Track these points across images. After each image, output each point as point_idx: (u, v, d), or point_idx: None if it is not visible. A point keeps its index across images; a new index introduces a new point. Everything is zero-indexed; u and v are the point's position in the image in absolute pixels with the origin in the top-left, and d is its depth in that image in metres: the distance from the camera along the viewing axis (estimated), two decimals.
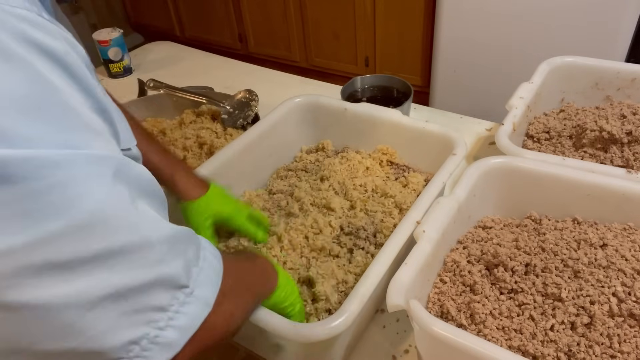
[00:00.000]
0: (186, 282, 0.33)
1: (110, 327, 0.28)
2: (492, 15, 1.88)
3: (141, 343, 0.30)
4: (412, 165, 0.88)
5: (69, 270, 0.26)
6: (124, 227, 0.29)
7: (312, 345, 0.57)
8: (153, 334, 0.31)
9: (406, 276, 0.56)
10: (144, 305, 0.30)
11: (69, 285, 0.26)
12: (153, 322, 0.31)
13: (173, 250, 0.32)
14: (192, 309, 0.33)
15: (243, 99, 1.07)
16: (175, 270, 0.32)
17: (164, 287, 0.31)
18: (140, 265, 0.30)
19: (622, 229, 0.66)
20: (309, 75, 1.44)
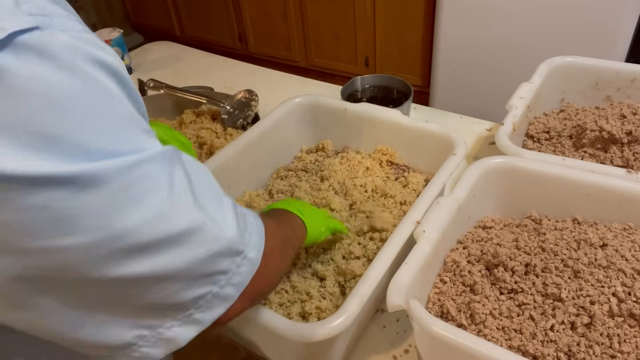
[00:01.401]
0: (242, 248, 0.40)
1: (185, 288, 0.36)
2: (492, 15, 1.88)
3: (206, 297, 0.38)
4: (412, 165, 0.88)
5: (150, 250, 0.33)
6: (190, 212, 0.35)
7: (312, 345, 0.57)
8: (215, 290, 0.38)
9: (406, 276, 0.56)
10: (211, 270, 0.37)
11: (152, 262, 0.33)
12: (216, 282, 0.38)
13: (234, 224, 0.39)
14: (244, 269, 0.40)
15: (243, 99, 1.07)
16: (234, 239, 0.38)
17: (227, 255, 0.38)
18: (208, 241, 0.36)
19: (622, 229, 0.66)
20: (309, 75, 1.44)
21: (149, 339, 0.36)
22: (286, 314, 0.64)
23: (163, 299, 0.35)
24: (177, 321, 0.37)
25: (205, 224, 0.36)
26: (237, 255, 0.39)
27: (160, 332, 0.37)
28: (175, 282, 0.35)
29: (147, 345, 0.37)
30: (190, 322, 0.38)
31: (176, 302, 0.36)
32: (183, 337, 0.38)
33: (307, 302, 0.64)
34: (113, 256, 0.31)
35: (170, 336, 0.37)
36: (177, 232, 0.34)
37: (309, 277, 0.69)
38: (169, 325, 0.37)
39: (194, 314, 0.38)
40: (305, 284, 0.67)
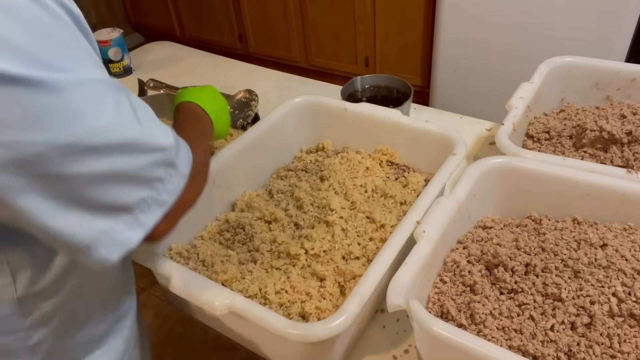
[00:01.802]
0: (175, 161, 0.47)
1: (130, 190, 0.44)
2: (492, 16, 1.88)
3: (147, 201, 0.45)
4: (412, 165, 0.88)
5: (102, 153, 0.40)
6: (133, 126, 0.43)
7: (312, 345, 0.57)
8: (154, 196, 0.46)
9: (406, 276, 0.56)
10: (150, 176, 0.45)
11: (104, 163, 0.41)
12: (155, 188, 0.46)
13: (171, 140, 0.47)
14: (176, 181, 0.48)
15: (243, 99, 1.07)
16: (170, 153, 0.46)
17: (163, 165, 0.46)
18: (148, 150, 0.44)
19: (622, 229, 0.66)
20: (309, 75, 1.44)
21: (104, 242, 0.44)
22: (286, 314, 0.64)
23: (114, 199, 0.43)
24: (125, 224, 0.44)
25: (146, 136, 0.44)
26: (170, 167, 0.47)
27: (114, 235, 0.44)
28: (122, 183, 0.43)
29: (103, 247, 0.44)
30: (137, 225, 0.45)
31: (124, 203, 0.44)
32: (132, 239, 0.45)
33: (307, 302, 0.64)
34: (72, 154, 0.39)
35: (122, 239, 0.45)
36: (124, 140, 0.42)
37: (308, 277, 0.69)
38: (120, 229, 0.44)
39: (139, 217, 0.45)
40: (305, 284, 0.67)
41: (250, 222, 0.76)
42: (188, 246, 0.76)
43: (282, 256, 0.71)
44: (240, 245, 0.75)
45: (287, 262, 0.71)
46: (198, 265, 0.72)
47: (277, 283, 0.67)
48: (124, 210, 0.44)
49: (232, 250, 0.74)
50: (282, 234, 0.74)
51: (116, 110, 0.41)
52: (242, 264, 0.72)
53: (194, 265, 0.72)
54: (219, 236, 0.78)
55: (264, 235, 0.74)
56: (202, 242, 0.77)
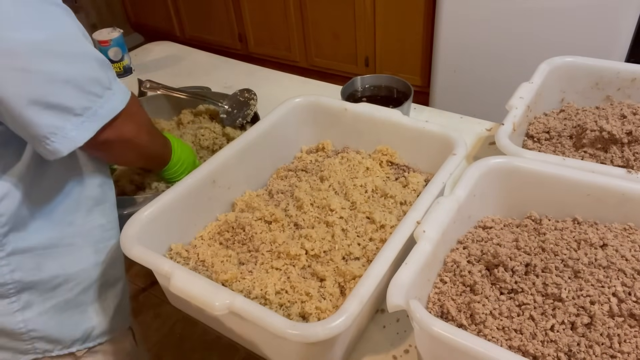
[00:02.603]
0: (111, 86, 0.61)
1: (77, 96, 0.58)
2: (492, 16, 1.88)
3: (90, 110, 0.59)
4: (412, 165, 0.88)
5: (60, 57, 0.55)
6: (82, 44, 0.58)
7: (312, 345, 0.57)
8: (95, 108, 0.60)
9: (406, 276, 0.56)
10: (91, 90, 0.59)
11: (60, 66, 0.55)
12: (95, 101, 0.60)
13: (103, 67, 0.61)
14: (114, 103, 0.62)
15: (242, 98, 1.07)
16: (106, 75, 0.61)
17: (100, 84, 0.60)
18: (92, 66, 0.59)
19: (622, 229, 0.66)
20: (309, 75, 1.44)
21: (58, 136, 0.57)
22: (286, 314, 0.64)
23: (65, 101, 0.56)
24: (73, 125, 0.58)
25: (89, 55, 0.58)
26: (107, 89, 0.61)
27: (65, 132, 0.58)
28: (72, 88, 0.56)
29: (57, 142, 0.58)
30: (82, 129, 0.59)
31: (72, 107, 0.57)
32: (78, 138, 0.59)
33: (307, 303, 0.64)
34: (38, 53, 0.53)
35: (71, 136, 0.58)
36: (74, 51, 0.57)
37: (308, 277, 0.69)
38: (69, 128, 0.58)
39: (85, 122, 0.59)
40: (305, 284, 0.67)
41: (250, 222, 0.76)
42: (188, 246, 0.76)
43: (282, 256, 0.71)
44: (240, 246, 0.75)
45: (287, 263, 0.71)
46: (198, 265, 0.72)
47: (277, 283, 0.67)
48: (72, 113, 0.57)
49: (232, 250, 0.74)
50: (282, 234, 0.74)
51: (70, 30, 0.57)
52: (242, 264, 0.72)
53: (194, 265, 0.72)
54: (219, 236, 0.78)
55: (264, 235, 0.74)
56: (202, 242, 0.77)
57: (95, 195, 0.73)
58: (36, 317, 0.69)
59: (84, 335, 0.75)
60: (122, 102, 0.63)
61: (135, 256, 0.64)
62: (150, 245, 0.66)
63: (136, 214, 0.69)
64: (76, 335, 0.74)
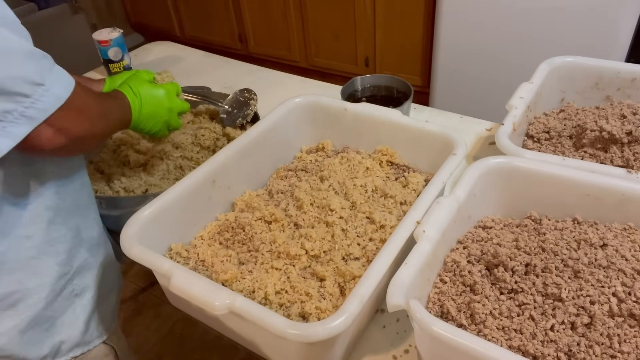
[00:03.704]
0: (43, 82, 0.52)
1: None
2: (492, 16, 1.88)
3: (13, 114, 0.51)
4: (412, 165, 0.88)
5: None
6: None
7: (312, 345, 0.57)
8: (20, 109, 0.51)
9: (406, 276, 0.56)
10: (11, 90, 0.50)
11: None
12: (20, 102, 0.51)
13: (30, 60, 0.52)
14: (48, 100, 0.53)
15: (242, 98, 1.07)
16: (29, 72, 0.51)
17: (25, 82, 0.51)
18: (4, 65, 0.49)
19: (622, 229, 0.66)
20: (309, 75, 1.44)
21: None
22: (286, 314, 0.64)
23: None
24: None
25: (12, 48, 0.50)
26: (37, 86, 0.52)
27: None
28: None
29: None
30: (5, 135, 0.51)
31: None
32: (3, 146, 0.51)
33: (307, 303, 0.64)
34: None
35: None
36: None
37: (308, 277, 0.69)
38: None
39: (7, 127, 0.51)
40: (305, 284, 0.67)
41: (250, 222, 0.76)
42: (188, 246, 0.76)
43: (282, 256, 0.71)
44: (240, 246, 0.75)
45: (287, 263, 0.71)
46: (198, 265, 0.72)
47: (277, 283, 0.67)
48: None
49: (232, 250, 0.74)
50: (282, 234, 0.74)
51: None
52: (242, 264, 0.72)
53: (194, 265, 0.72)
54: (219, 236, 0.78)
55: (264, 235, 0.74)
56: (202, 242, 0.77)
57: (58, 204, 0.66)
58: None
59: (53, 351, 0.70)
60: (58, 98, 0.54)
61: (135, 256, 0.64)
62: (150, 245, 0.66)
63: (136, 213, 0.69)
64: (44, 351, 0.69)
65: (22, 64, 0.51)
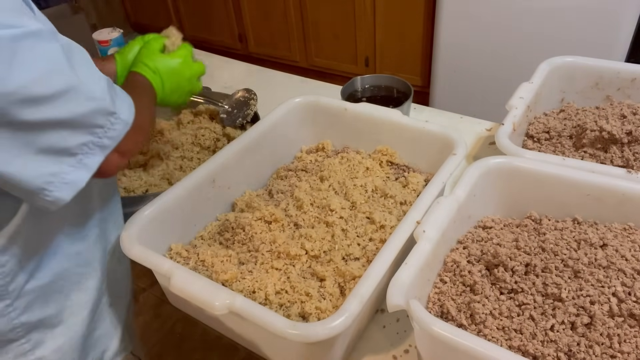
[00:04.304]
0: (114, 110, 0.52)
1: (70, 135, 0.49)
2: (492, 15, 1.88)
3: (89, 145, 0.51)
4: (412, 165, 0.88)
5: (39, 103, 0.45)
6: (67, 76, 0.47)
7: (312, 345, 0.57)
8: (95, 140, 0.51)
9: (406, 276, 0.56)
10: (89, 123, 0.50)
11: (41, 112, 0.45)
12: (95, 133, 0.51)
13: (107, 91, 0.51)
14: (118, 127, 0.53)
15: (242, 98, 1.07)
16: (104, 102, 0.51)
17: (101, 113, 0.51)
18: (83, 99, 0.48)
19: (622, 229, 0.66)
20: (309, 75, 1.44)
21: (55, 184, 0.49)
22: (286, 314, 0.64)
23: (56, 144, 0.48)
24: (71, 167, 0.50)
25: (79, 86, 0.48)
26: (110, 115, 0.52)
27: (62, 177, 0.50)
28: (62, 129, 0.48)
29: (56, 190, 0.50)
30: (82, 167, 0.51)
31: (66, 147, 0.49)
32: (80, 180, 0.51)
33: (307, 303, 0.64)
34: (12, 103, 0.43)
35: (71, 180, 0.50)
36: (57, 89, 0.46)
37: (308, 277, 0.69)
38: (67, 171, 0.50)
39: (83, 160, 0.51)
40: (305, 284, 0.67)
41: (250, 222, 0.76)
42: (188, 246, 0.76)
43: (282, 256, 0.71)
44: (240, 245, 0.75)
45: (287, 263, 0.71)
46: (198, 265, 0.72)
47: (277, 283, 0.67)
48: (68, 154, 0.50)
49: (232, 250, 0.74)
50: (282, 234, 0.74)
51: (49, 60, 0.45)
52: (242, 264, 0.72)
53: (194, 265, 0.72)
54: (219, 236, 0.78)
55: (264, 235, 0.74)
56: (202, 242, 0.77)
57: (101, 217, 0.69)
58: (50, 355, 0.65)
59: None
60: (127, 124, 0.54)
61: (135, 256, 0.64)
62: (150, 245, 0.66)
63: (136, 213, 0.69)
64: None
65: (96, 98, 0.50)
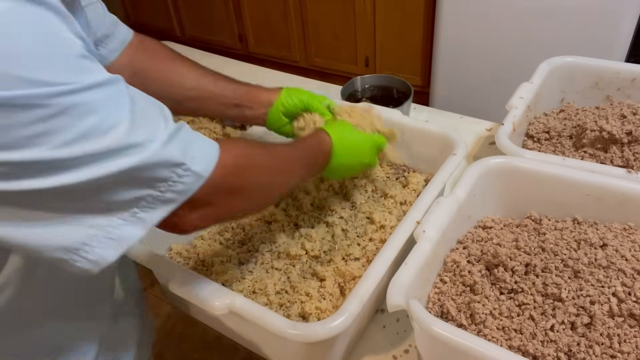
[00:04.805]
0: (182, 161, 0.43)
1: (125, 189, 0.40)
2: (492, 15, 1.88)
3: (147, 199, 0.42)
4: (412, 165, 0.88)
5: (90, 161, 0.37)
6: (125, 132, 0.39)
7: (312, 345, 0.57)
8: (155, 194, 0.42)
9: (406, 276, 0.56)
10: (148, 176, 0.41)
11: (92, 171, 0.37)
12: (156, 187, 0.42)
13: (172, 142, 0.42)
14: (188, 180, 0.43)
15: None
16: (170, 153, 0.42)
17: (163, 166, 0.41)
18: (142, 153, 0.40)
19: (622, 229, 0.66)
20: (309, 75, 1.44)
21: (100, 239, 0.40)
22: (286, 314, 0.64)
23: (107, 198, 0.40)
24: (123, 220, 0.41)
25: (141, 141, 0.40)
26: (176, 166, 0.42)
27: (109, 230, 0.41)
28: (116, 185, 0.39)
29: (99, 246, 0.40)
30: (136, 221, 0.42)
31: (119, 201, 0.40)
32: (131, 236, 0.42)
33: (307, 303, 0.64)
34: (56, 168, 0.36)
35: (119, 235, 0.41)
36: (109, 148, 0.38)
37: (308, 277, 0.69)
38: (116, 224, 0.41)
39: (138, 213, 0.42)
40: (305, 284, 0.67)
41: (250, 222, 0.76)
42: (188, 246, 0.76)
43: (282, 256, 0.71)
44: (240, 246, 0.75)
45: (287, 263, 0.71)
46: (198, 265, 0.72)
47: (277, 283, 0.67)
48: (118, 208, 0.41)
49: (232, 250, 0.74)
50: (282, 235, 0.74)
51: (109, 114, 0.38)
52: (242, 264, 0.72)
53: (194, 265, 0.72)
54: (219, 236, 0.78)
55: (264, 235, 0.74)
56: (202, 242, 0.77)
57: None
58: None
59: None
60: (199, 177, 0.44)
61: (135, 256, 0.64)
62: (151, 245, 0.66)
63: None
64: None
65: (158, 149, 0.41)
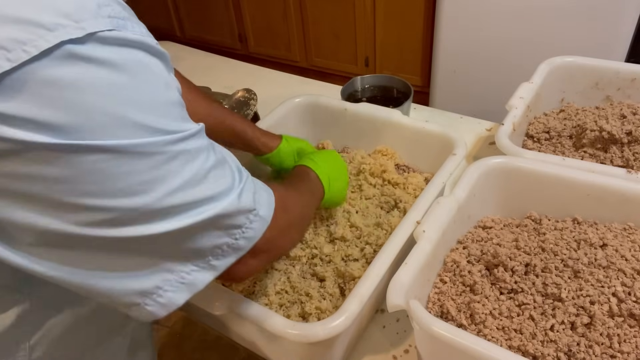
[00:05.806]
0: (253, 206, 0.45)
1: (206, 238, 0.42)
2: (492, 15, 1.88)
3: (223, 247, 0.43)
4: (412, 165, 0.88)
5: (181, 211, 0.39)
6: (214, 180, 0.41)
7: (312, 345, 0.57)
8: (231, 242, 0.44)
9: (406, 276, 0.56)
10: (228, 224, 0.43)
11: (180, 221, 0.39)
12: (232, 234, 0.43)
13: (248, 190, 0.45)
14: (256, 225, 0.45)
15: (242, 98, 1.07)
16: (247, 199, 0.44)
17: (241, 212, 0.43)
18: (226, 202, 0.42)
19: (622, 229, 0.66)
20: (309, 75, 1.44)
21: (172, 283, 0.42)
22: (286, 314, 0.64)
23: (187, 247, 0.41)
24: (196, 267, 0.43)
25: (225, 189, 0.42)
26: (249, 212, 0.44)
27: (182, 276, 0.42)
28: (198, 234, 0.41)
29: (171, 290, 0.42)
30: (208, 268, 0.43)
31: (198, 250, 0.42)
32: (201, 281, 0.43)
33: (307, 303, 0.64)
34: (150, 216, 0.37)
35: (191, 280, 0.42)
36: (203, 196, 0.40)
37: (308, 277, 0.69)
38: (189, 270, 0.42)
39: (211, 261, 0.43)
40: (305, 284, 0.67)
41: None
42: None
43: (282, 257, 0.71)
44: None
45: (287, 263, 0.71)
46: None
47: (277, 283, 0.67)
48: (197, 257, 0.42)
49: None
50: None
51: (200, 166, 0.40)
52: None
53: None
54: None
55: None
56: None
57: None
58: None
59: None
60: (265, 221, 0.47)
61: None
62: None
63: None
64: None
65: (242, 193, 0.43)
